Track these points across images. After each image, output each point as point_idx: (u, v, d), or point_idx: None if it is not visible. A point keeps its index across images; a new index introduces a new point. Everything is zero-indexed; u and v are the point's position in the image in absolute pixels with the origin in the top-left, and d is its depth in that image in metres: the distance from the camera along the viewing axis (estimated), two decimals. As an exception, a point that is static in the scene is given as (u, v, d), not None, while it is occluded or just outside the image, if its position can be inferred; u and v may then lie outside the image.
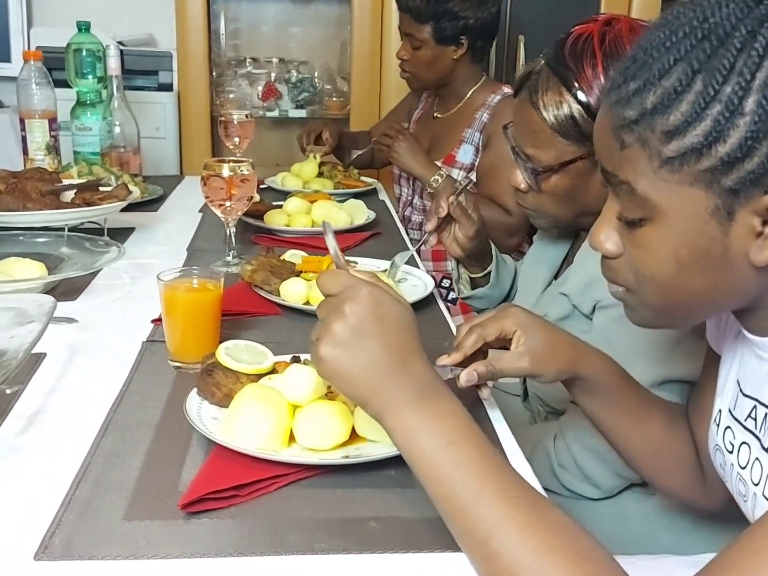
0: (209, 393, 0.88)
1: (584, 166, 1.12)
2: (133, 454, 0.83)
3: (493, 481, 0.63)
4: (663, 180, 0.63)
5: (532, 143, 1.14)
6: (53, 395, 0.96)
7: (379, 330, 0.67)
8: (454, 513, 0.64)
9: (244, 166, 1.39)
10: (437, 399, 0.68)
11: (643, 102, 0.62)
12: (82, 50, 2.07)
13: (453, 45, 2.03)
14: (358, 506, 0.75)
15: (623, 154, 0.65)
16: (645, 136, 0.62)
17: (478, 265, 1.39)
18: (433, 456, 0.65)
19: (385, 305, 0.68)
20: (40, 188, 1.48)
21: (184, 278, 1.05)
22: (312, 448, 0.81)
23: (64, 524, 0.71)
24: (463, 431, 0.66)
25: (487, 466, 0.65)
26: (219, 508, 0.73)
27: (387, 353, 0.67)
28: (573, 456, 1.12)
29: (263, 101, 3.08)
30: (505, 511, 0.62)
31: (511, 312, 0.88)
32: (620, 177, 0.66)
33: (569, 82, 1.08)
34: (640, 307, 0.73)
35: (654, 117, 0.62)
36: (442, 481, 0.65)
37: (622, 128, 0.64)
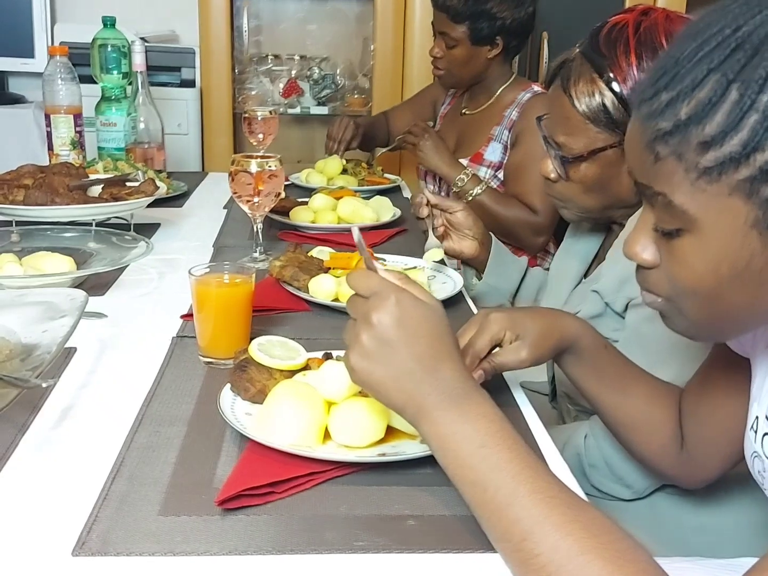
0: (242, 389, 0.88)
1: (614, 155, 1.11)
2: (167, 449, 0.82)
3: (527, 482, 0.63)
4: (700, 191, 0.61)
5: (564, 131, 1.13)
6: (85, 389, 0.96)
7: (407, 339, 0.68)
8: (489, 516, 0.64)
9: (272, 162, 1.38)
10: (469, 402, 0.67)
11: (677, 113, 0.61)
12: (107, 45, 2.08)
13: (488, 45, 2.01)
14: (395, 504, 0.74)
15: (657, 166, 0.63)
16: (680, 148, 0.61)
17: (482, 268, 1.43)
18: (467, 459, 0.65)
19: (413, 311, 0.68)
20: (67, 183, 1.48)
21: (216, 273, 1.04)
22: (347, 445, 0.80)
23: (101, 519, 0.70)
24: (495, 433, 0.66)
25: (521, 467, 0.64)
26: (255, 504, 0.73)
27: (416, 361, 0.68)
28: (603, 456, 1.11)
29: (284, 98, 3.08)
30: (539, 511, 0.61)
31: (492, 320, 0.91)
32: (655, 189, 0.64)
33: (602, 69, 1.08)
34: (679, 317, 0.72)
35: (689, 128, 0.60)
36: (476, 484, 0.64)
37: (655, 141, 0.63)
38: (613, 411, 0.98)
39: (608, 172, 1.13)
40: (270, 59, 3.17)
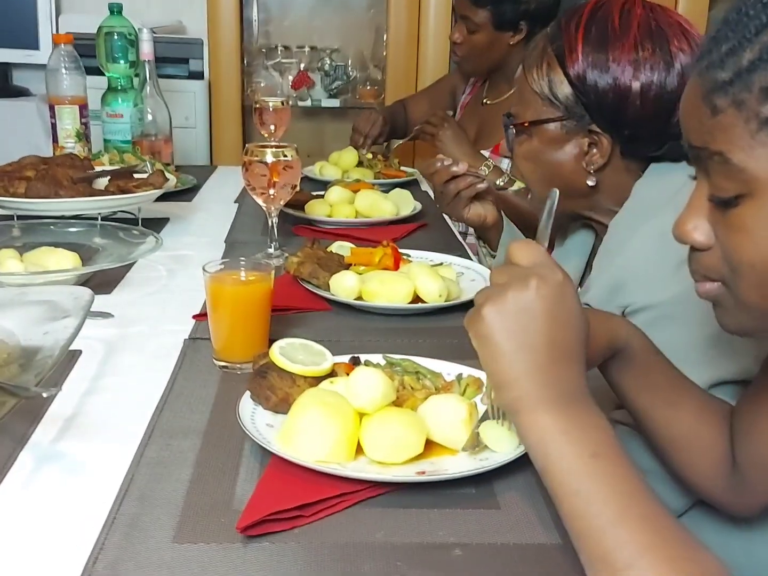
0: (263, 397, 0.80)
1: (557, 132, 1.07)
2: (181, 465, 0.74)
3: (638, 505, 0.55)
4: (762, 145, 0.56)
5: (517, 101, 1.13)
6: (90, 397, 0.88)
7: (550, 319, 0.61)
8: (588, 533, 0.56)
9: (288, 151, 1.30)
10: (584, 408, 0.60)
11: (739, 61, 0.56)
12: (113, 34, 1.99)
13: (510, 31, 1.94)
14: (438, 530, 0.66)
15: (715, 121, 0.58)
16: (741, 97, 0.56)
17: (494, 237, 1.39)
18: (573, 464, 0.58)
19: (569, 299, 0.62)
20: (71, 175, 1.40)
21: (231, 270, 0.96)
22: (382, 461, 0.72)
23: (108, 547, 0.63)
24: (609, 446, 0.58)
25: (634, 487, 0.56)
26: (281, 530, 0.65)
27: (546, 345, 0.60)
28: None
29: (295, 90, 3.00)
30: (650, 540, 0.53)
31: None
32: (712, 148, 0.59)
33: (553, 40, 1.06)
34: (734, 306, 0.64)
35: (751, 75, 0.56)
36: (580, 494, 0.57)
37: (714, 92, 0.58)
38: (663, 427, 0.88)
39: (550, 149, 1.09)
40: (280, 51, 3.09)
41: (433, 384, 0.85)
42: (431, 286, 1.11)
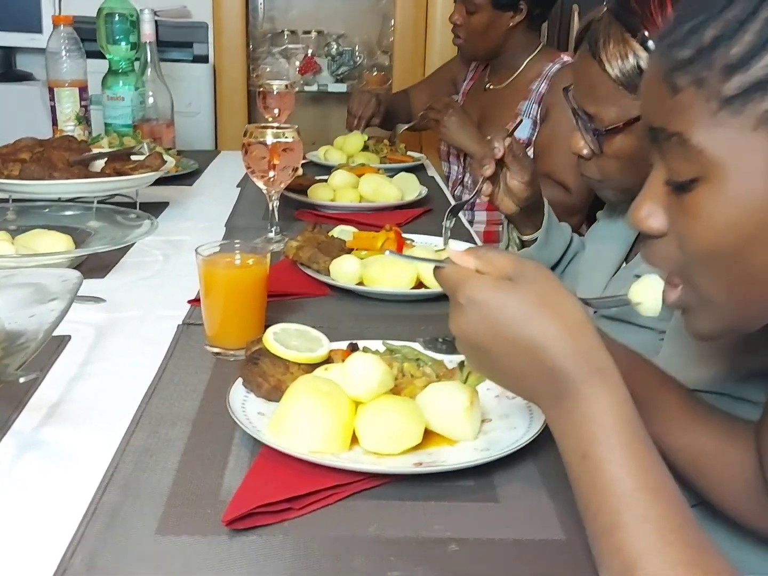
0: (255, 384, 0.76)
1: None
2: (168, 454, 0.71)
3: (634, 508, 0.51)
4: (721, 125, 0.53)
5: (595, 100, 1.01)
6: (77, 383, 0.85)
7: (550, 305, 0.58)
8: (595, 535, 0.54)
9: (289, 133, 1.27)
10: (574, 395, 0.56)
11: (700, 38, 0.54)
12: (114, 15, 1.96)
13: (510, 11, 1.90)
14: (434, 524, 0.63)
15: (675, 100, 0.55)
16: (701, 75, 0.54)
17: (531, 224, 1.26)
18: (571, 469, 0.56)
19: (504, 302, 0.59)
20: (67, 157, 1.37)
21: (226, 253, 0.93)
22: (377, 452, 0.69)
23: (87, 539, 0.60)
24: (602, 442, 0.54)
25: (631, 488, 0.52)
26: (270, 523, 0.62)
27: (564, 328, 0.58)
28: None
29: (301, 75, 2.96)
30: (647, 544, 0.50)
31: None
32: (670, 129, 0.56)
33: (634, 28, 0.95)
34: (698, 306, 0.61)
35: (713, 52, 0.53)
36: (581, 497, 0.55)
37: (674, 71, 0.55)
38: (682, 453, 0.83)
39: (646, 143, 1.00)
40: (286, 35, 3.05)
41: (433, 371, 0.81)
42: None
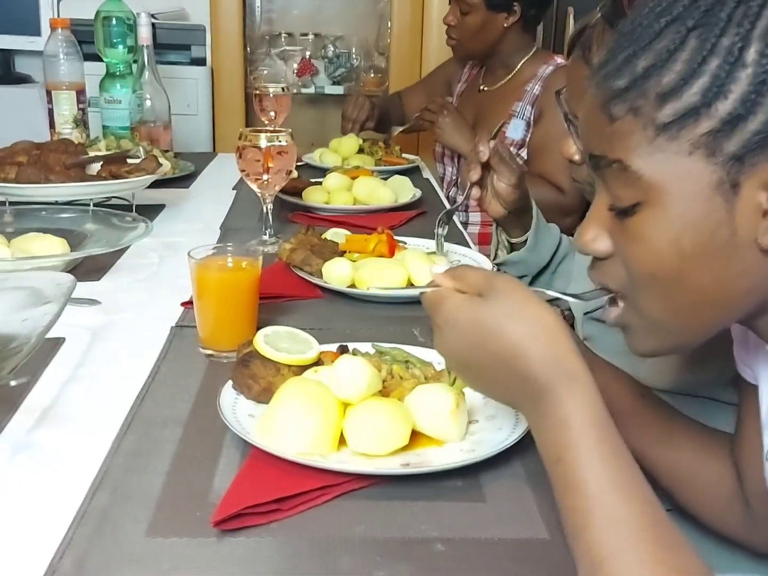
0: (245, 386, 0.77)
1: None
2: (159, 456, 0.72)
3: (604, 509, 0.52)
4: (659, 151, 0.56)
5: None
6: (70, 385, 0.86)
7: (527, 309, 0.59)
8: (569, 535, 0.54)
9: (283, 137, 1.27)
10: (547, 401, 0.56)
11: (634, 68, 0.56)
12: (111, 18, 1.96)
13: (504, 12, 1.91)
14: (421, 524, 0.63)
15: (613, 128, 0.58)
16: (637, 104, 0.56)
17: (519, 226, 1.27)
18: (549, 472, 0.56)
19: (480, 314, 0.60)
20: (64, 160, 1.37)
21: (218, 256, 0.94)
22: (365, 453, 0.70)
23: (77, 541, 0.60)
24: (573, 446, 0.55)
25: (601, 490, 0.53)
26: (258, 524, 0.62)
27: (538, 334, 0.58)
28: None
29: (298, 77, 2.97)
30: (616, 544, 0.50)
31: None
32: (610, 156, 0.58)
33: None
34: (640, 325, 0.63)
35: (646, 81, 0.56)
36: (557, 499, 0.55)
37: (611, 101, 0.58)
38: (661, 467, 0.84)
39: None
40: (283, 38, 3.05)
41: (422, 373, 0.82)
42: (425, 273, 1.08)
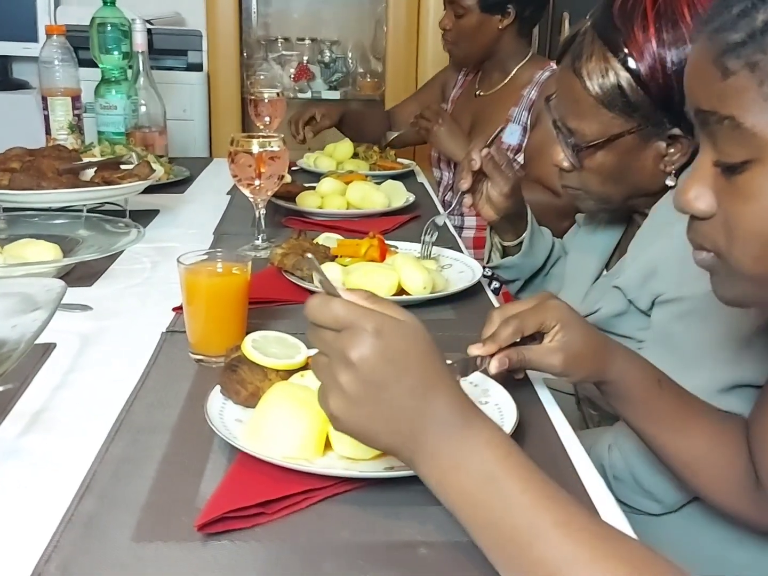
0: (233, 391, 0.78)
1: (633, 142, 0.99)
2: (146, 461, 0.72)
3: (546, 514, 0.53)
4: None
5: (575, 115, 1.01)
6: (61, 390, 0.86)
7: (396, 373, 0.56)
8: (508, 560, 0.54)
9: (275, 142, 1.28)
10: (469, 430, 0.57)
11: (752, 22, 0.55)
12: (106, 25, 1.98)
13: (499, 14, 1.92)
14: (405, 528, 0.64)
15: (726, 83, 0.56)
16: (754, 59, 0.55)
17: (512, 231, 1.27)
18: (475, 496, 0.55)
19: (397, 339, 0.57)
20: (57, 167, 1.38)
21: (208, 262, 0.94)
22: (350, 457, 0.70)
23: (63, 545, 0.61)
24: (502, 461, 0.56)
25: (537, 498, 0.54)
26: (242, 528, 0.63)
27: (408, 396, 0.57)
28: (630, 469, 1.00)
29: (295, 82, 2.98)
30: (567, 548, 0.51)
31: (553, 305, 0.82)
32: (722, 113, 0.57)
33: (617, 46, 0.95)
34: (731, 276, 0.63)
35: (766, 36, 0.54)
36: (489, 524, 0.54)
37: (725, 54, 0.56)
38: (673, 452, 0.86)
39: (626, 159, 1.01)
40: (280, 43, 3.06)
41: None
42: (416, 278, 1.09)
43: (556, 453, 0.77)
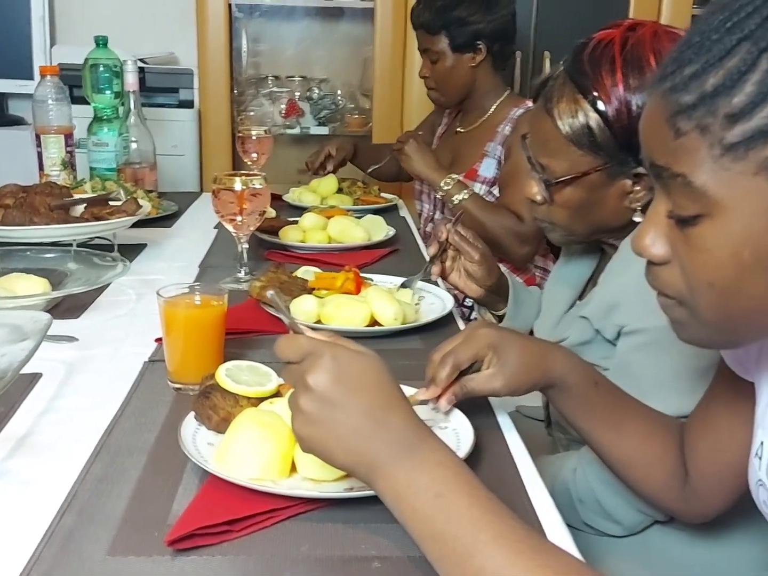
0: (205, 416, 0.83)
1: (599, 179, 1.06)
2: (123, 482, 0.77)
3: (488, 529, 0.57)
4: (724, 169, 0.57)
5: (546, 153, 1.08)
6: (45, 417, 0.91)
7: (348, 394, 0.63)
8: (453, 570, 0.58)
9: (256, 180, 1.34)
10: (422, 450, 0.63)
11: (702, 85, 0.57)
12: (99, 65, 2.05)
13: (470, 52, 2.01)
14: (361, 544, 0.69)
15: (678, 143, 0.58)
16: (705, 122, 0.57)
17: (502, 301, 1.34)
18: (424, 512, 0.60)
19: (351, 364, 0.64)
20: (48, 203, 1.44)
21: (186, 295, 0.99)
22: (314, 479, 0.75)
23: (43, 558, 0.66)
24: (451, 481, 0.61)
25: (481, 513, 0.59)
26: (210, 544, 0.67)
27: (362, 416, 0.63)
28: (593, 491, 1.05)
29: (285, 118, 3.06)
30: (504, 558, 0.56)
31: (482, 334, 0.88)
32: (674, 169, 0.59)
33: (586, 90, 1.02)
34: (692, 321, 0.65)
35: (715, 100, 0.56)
36: (436, 537, 0.59)
37: (678, 115, 0.58)
38: (608, 449, 0.92)
39: (593, 195, 1.08)
40: (270, 80, 3.14)
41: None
42: (387, 309, 1.14)
43: (508, 475, 0.81)
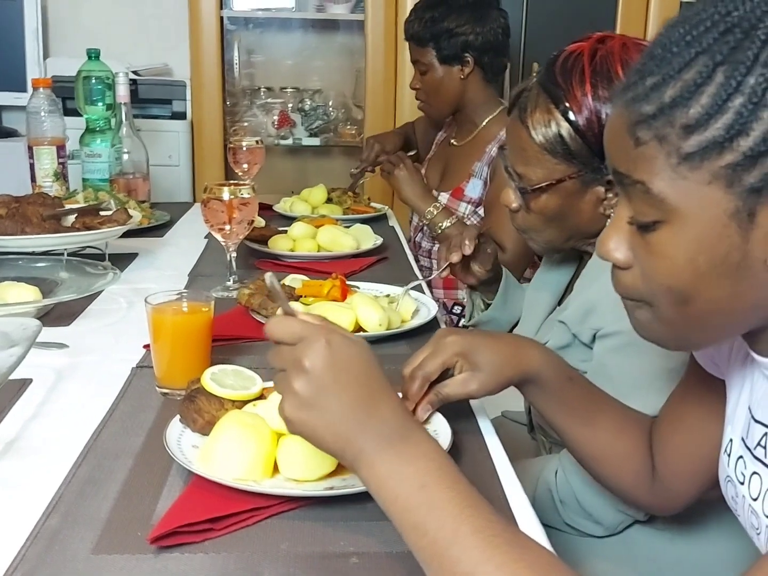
0: (191, 420, 0.84)
1: (573, 186, 1.09)
2: (109, 484, 0.79)
3: (468, 522, 0.59)
4: (681, 178, 0.59)
5: (522, 161, 1.11)
6: (34, 422, 0.93)
7: (341, 382, 0.65)
8: (430, 560, 0.60)
9: (245, 190, 1.36)
10: (408, 442, 0.64)
11: (661, 96, 0.59)
12: (91, 78, 2.07)
13: (458, 64, 2.01)
14: (340, 541, 0.70)
15: (638, 152, 0.61)
16: (663, 132, 0.59)
17: (493, 290, 1.37)
18: (407, 501, 0.62)
19: (345, 352, 0.66)
20: (41, 213, 1.46)
21: (174, 301, 1.01)
22: (296, 478, 0.77)
23: (28, 558, 0.67)
24: (435, 473, 0.62)
25: (462, 506, 0.60)
26: (192, 542, 0.69)
27: (353, 404, 0.65)
28: (574, 491, 1.07)
29: (277, 129, 3.08)
30: (481, 551, 0.57)
31: (449, 342, 0.89)
32: (634, 177, 0.62)
33: (558, 100, 1.06)
34: (654, 323, 0.67)
35: (673, 111, 0.58)
36: (417, 527, 0.61)
37: (638, 125, 0.60)
38: (581, 444, 0.95)
39: (568, 203, 1.10)
40: (263, 92, 3.17)
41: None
42: (371, 315, 1.16)
43: (487, 477, 0.83)
